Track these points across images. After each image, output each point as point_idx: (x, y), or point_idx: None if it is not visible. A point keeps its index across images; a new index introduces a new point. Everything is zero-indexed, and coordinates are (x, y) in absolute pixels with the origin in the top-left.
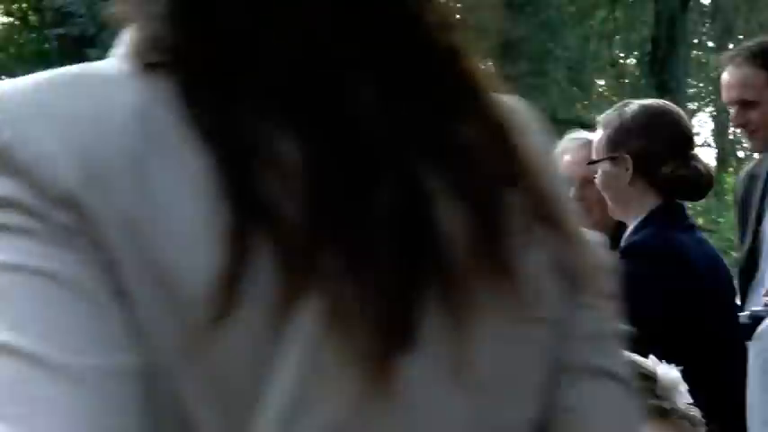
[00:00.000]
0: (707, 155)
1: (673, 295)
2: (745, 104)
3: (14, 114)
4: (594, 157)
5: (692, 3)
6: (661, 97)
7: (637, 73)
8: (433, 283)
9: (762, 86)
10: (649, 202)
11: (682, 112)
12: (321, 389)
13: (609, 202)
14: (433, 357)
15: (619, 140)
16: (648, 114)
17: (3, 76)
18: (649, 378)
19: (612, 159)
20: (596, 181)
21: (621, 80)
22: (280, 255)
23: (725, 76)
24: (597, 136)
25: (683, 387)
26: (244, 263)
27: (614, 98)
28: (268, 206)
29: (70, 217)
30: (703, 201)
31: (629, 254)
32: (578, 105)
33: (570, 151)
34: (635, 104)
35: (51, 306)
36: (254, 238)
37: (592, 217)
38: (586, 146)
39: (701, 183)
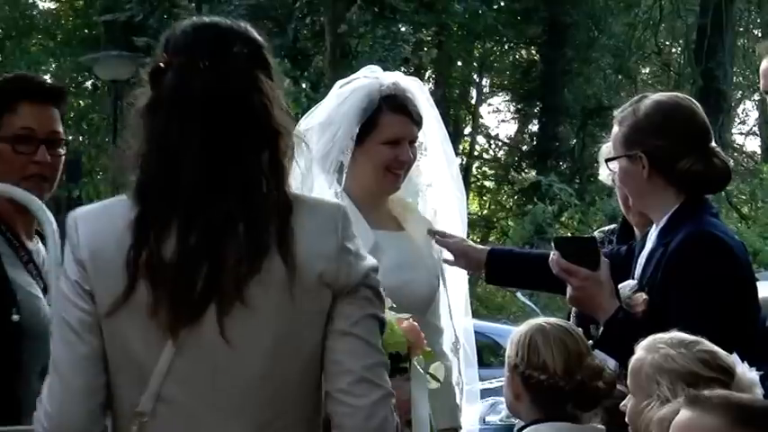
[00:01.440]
0: (752, 143)
1: (735, 282)
2: None
3: (74, 225)
4: (612, 153)
5: None
6: (706, 85)
7: (681, 61)
8: (214, 296)
9: None
10: (669, 197)
11: (697, 106)
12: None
13: (630, 197)
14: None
15: (634, 138)
16: (662, 111)
17: (50, 61)
18: (727, 372)
19: (629, 157)
20: (615, 177)
21: (666, 68)
22: (152, 287)
23: (764, 65)
24: (614, 132)
25: (760, 390)
26: (134, 288)
27: (659, 86)
28: (150, 266)
29: (81, 269)
30: (747, 188)
31: (693, 242)
32: (623, 93)
33: None
34: (649, 100)
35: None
36: (140, 280)
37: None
38: None
39: (717, 177)
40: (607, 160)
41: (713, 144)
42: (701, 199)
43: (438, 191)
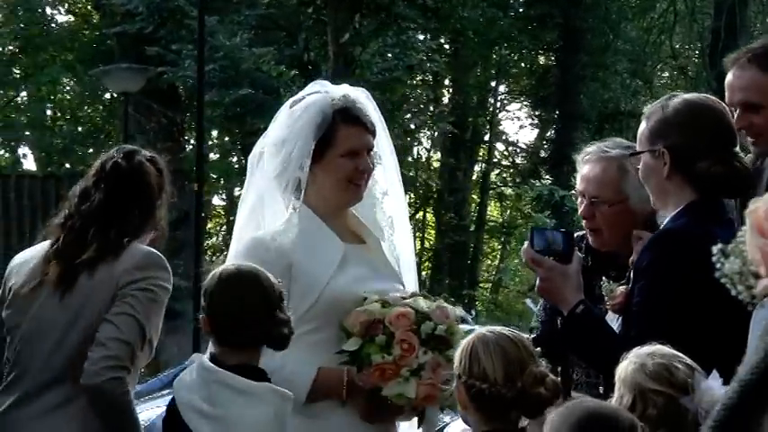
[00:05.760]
0: None
1: (694, 285)
2: (748, 107)
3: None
4: (638, 148)
5: None
6: (721, 88)
7: (698, 64)
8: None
9: (766, 89)
10: (686, 196)
11: (727, 109)
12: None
13: (650, 195)
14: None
15: (659, 133)
16: (691, 109)
17: (68, 74)
18: (678, 387)
19: (652, 152)
20: (639, 172)
21: (682, 72)
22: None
23: (728, 78)
24: (641, 128)
25: None
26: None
27: (677, 90)
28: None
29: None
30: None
31: (661, 239)
32: (640, 98)
33: (586, 164)
34: (679, 98)
35: None
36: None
37: (599, 236)
38: (601, 161)
39: (737, 182)
40: (631, 154)
41: (737, 149)
42: (715, 202)
43: (393, 198)
